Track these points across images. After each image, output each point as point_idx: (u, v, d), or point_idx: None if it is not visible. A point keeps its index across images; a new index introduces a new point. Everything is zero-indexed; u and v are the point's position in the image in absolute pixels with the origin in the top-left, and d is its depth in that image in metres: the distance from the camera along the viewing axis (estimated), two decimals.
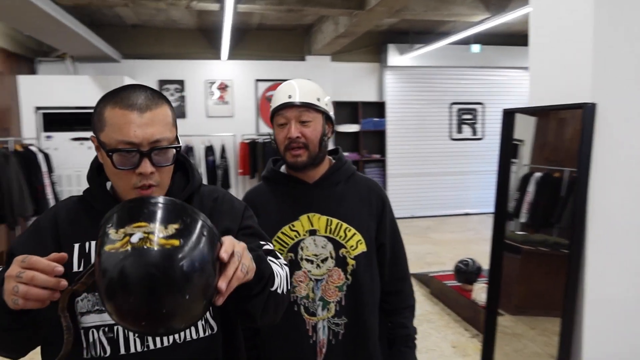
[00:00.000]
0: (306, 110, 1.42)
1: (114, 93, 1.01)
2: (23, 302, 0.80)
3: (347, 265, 1.49)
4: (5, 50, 6.18)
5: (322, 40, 6.99)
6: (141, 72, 7.46)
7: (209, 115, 7.70)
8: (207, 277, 0.78)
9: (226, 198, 1.22)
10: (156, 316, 0.74)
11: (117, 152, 0.97)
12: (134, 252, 0.72)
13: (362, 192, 1.55)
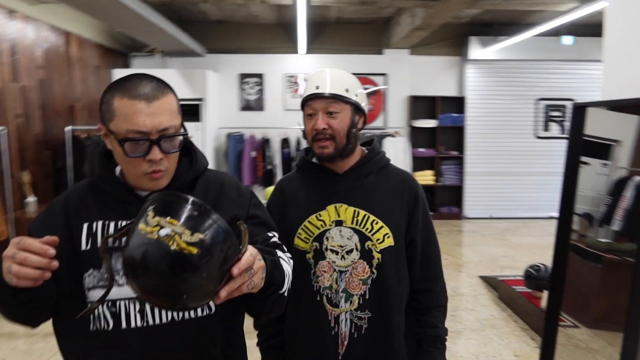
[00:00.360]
0: (334, 101, 1.40)
1: (121, 83, 1.04)
2: (16, 281, 0.88)
3: (372, 259, 1.45)
4: (102, 46, 6.71)
5: (399, 33, 6.86)
6: (223, 66, 7.77)
7: (286, 108, 7.85)
8: (211, 284, 0.84)
9: (233, 184, 1.23)
10: (159, 296, 0.83)
11: (128, 141, 1.01)
12: (158, 243, 0.80)
13: (394, 185, 1.50)
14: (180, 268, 0.79)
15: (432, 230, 1.55)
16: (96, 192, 1.15)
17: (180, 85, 7.01)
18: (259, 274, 0.93)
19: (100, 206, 1.12)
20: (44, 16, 5.20)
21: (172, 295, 0.82)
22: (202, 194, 1.17)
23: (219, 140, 7.66)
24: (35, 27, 5.08)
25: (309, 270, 1.48)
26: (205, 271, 0.81)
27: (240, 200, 1.21)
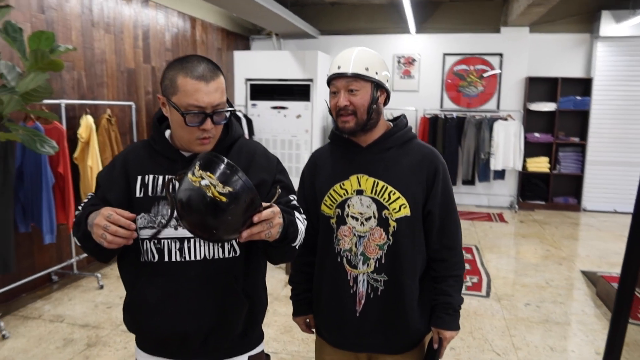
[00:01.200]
0: (354, 80, 1.49)
1: (183, 63, 1.28)
2: (107, 244, 1.19)
3: (389, 227, 1.55)
4: (224, 30, 7.31)
5: (517, 10, 6.46)
6: (335, 47, 7.99)
7: (395, 89, 7.86)
8: (236, 224, 1.09)
9: (263, 153, 1.45)
10: (199, 228, 1.10)
11: (189, 113, 1.26)
12: (199, 190, 1.06)
13: (415, 159, 1.57)
14: (213, 210, 1.05)
15: (451, 204, 1.60)
16: (149, 150, 1.41)
17: (292, 66, 7.38)
18: (277, 227, 1.16)
19: (152, 162, 1.38)
20: (172, 4, 5.84)
21: (205, 229, 1.08)
22: (236, 158, 1.38)
23: (326, 119, 7.93)
24: (165, 14, 5.73)
25: (332, 233, 1.62)
26: (230, 214, 1.06)
27: (269, 167, 1.42)
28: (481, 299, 3.96)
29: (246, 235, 1.11)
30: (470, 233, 6.05)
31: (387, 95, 1.58)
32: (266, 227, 1.13)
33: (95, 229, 1.19)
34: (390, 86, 1.58)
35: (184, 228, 1.16)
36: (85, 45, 4.45)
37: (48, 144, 3.01)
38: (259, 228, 1.12)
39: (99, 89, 4.64)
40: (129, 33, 5.08)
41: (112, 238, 1.18)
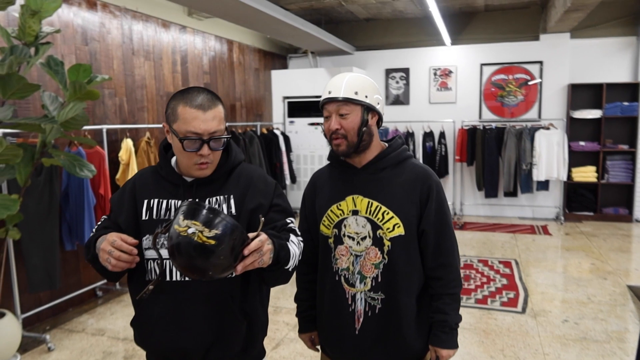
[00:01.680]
0: (344, 104, 1.54)
1: (184, 94, 1.39)
2: (111, 268, 1.30)
3: (383, 246, 1.58)
4: (261, 50, 7.53)
5: (554, 16, 6.31)
6: (370, 62, 8.05)
7: (431, 101, 7.81)
8: (228, 262, 1.18)
9: (261, 178, 1.53)
10: (193, 272, 1.20)
11: (186, 139, 1.36)
12: (187, 238, 1.15)
13: (408, 179, 1.60)
14: (203, 254, 1.14)
15: (446, 222, 1.61)
16: (156, 176, 1.52)
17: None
18: (268, 254, 1.24)
19: (157, 187, 1.49)
20: (210, 29, 6.10)
21: (200, 271, 1.18)
22: (235, 183, 1.49)
23: None
24: (203, 39, 5.99)
25: (330, 253, 1.67)
26: (221, 254, 1.15)
27: (266, 191, 1.49)
28: (516, 315, 3.86)
29: (241, 269, 1.20)
30: (510, 247, 5.89)
31: (379, 117, 1.62)
32: (258, 256, 1.21)
33: (101, 254, 1.30)
34: (381, 108, 1.62)
35: (181, 274, 1.26)
36: (126, 72, 4.72)
37: (87, 167, 3.23)
38: (251, 259, 1.20)
39: (139, 113, 4.90)
40: (168, 59, 5.34)
41: (116, 262, 1.28)
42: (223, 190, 1.47)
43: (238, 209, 1.45)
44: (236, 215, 1.44)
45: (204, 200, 1.44)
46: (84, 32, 4.21)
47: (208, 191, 1.46)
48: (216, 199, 1.45)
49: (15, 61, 2.60)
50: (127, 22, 4.71)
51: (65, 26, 4.02)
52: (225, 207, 1.44)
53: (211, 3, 4.51)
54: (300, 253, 1.45)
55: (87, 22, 4.24)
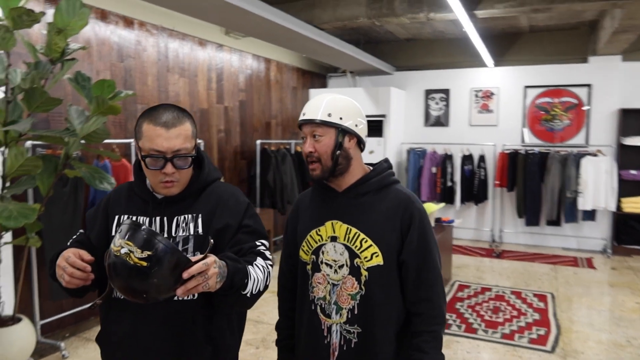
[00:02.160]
0: (317, 126, 1.48)
1: (151, 112, 1.38)
2: (65, 284, 1.28)
3: (360, 276, 1.49)
4: (300, 69, 7.59)
5: (603, 37, 6.01)
6: (410, 83, 7.94)
7: (472, 124, 7.59)
8: (166, 285, 1.13)
9: (233, 197, 1.48)
10: (129, 293, 1.16)
11: (149, 157, 1.35)
12: (120, 259, 1.13)
13: (391, 205, 1.52)
14: (136, 275, 1.11)
15: (429, 251, 1.50)
16: (129, 192, 1.51)
17: (365, 102, 7.44)
18: (214, 278, 1.17)
19: (129, 203, 1.49)
20: (247, 47, 6.21)
21: (135, 292, 1.14)
22: (204, 202, 1.45)
23: (400, 155, 7.84)
24: (240, 57, 6.10)
25: (308, 280, 1.60)
26: (156, 277, 1.11)
27: (236, 211, 1.44)
28: (543, 354, 3.60)
29: (181, 292, 1.14)
30: (548, 279, 5.55)
31: (358, 140, 1.55)
32: (201, 280, 1.15)
33: (57, 269, 1.28)
34: (361, 131, 1.55)
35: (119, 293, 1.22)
36: (160, 88, 4.86)
37: (107, 180, 3.30)
38: (194, 282, 1.14)
39: None
40: (203, 76, 5.46)
41: (69, 279, 1.25)
42: (192, 208, 1.44)
43: (205, 228, 1.41)
44: (203, 234, 1.40)
45: (172, 219, 1.42)
46: (120, 49, 4.37)
47: (176, 209, 1.43)
48: (184, 217, 1.42)
49: (37, 76, 2.71)
50: (163, 40, 4.86)
51: (102, 43, 4.19)
52: (192, 226, 1.41)
53: (245, 23, 4.58)
54: (265, 278, 1.38)
55: (124, 39, 4.40)
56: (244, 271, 1.29)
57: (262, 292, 1.37)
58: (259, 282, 1.33)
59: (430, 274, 1.49)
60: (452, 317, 4.33)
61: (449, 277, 5.45)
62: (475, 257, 6.61)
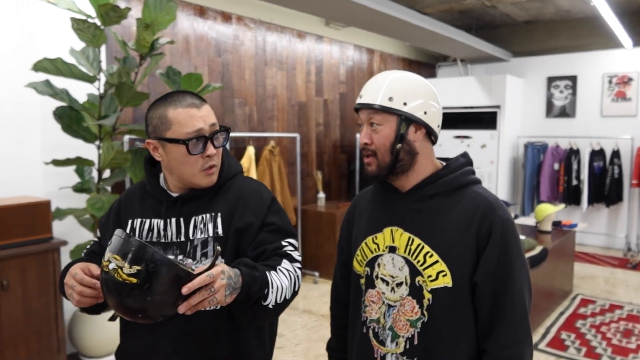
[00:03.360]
0: (375, 112, 1.21)
1: (167, 100, 1.23)
2: (75, 304, 1.16)
3: (423, 298, 1.20)
4: (406, 59, 7.22)
5: None
6: (529, 70, 7.17)
7: (604, 114, 6.63)
8: (162, 302, 0.99)
9: (255, 193, 1.31)
10: (124, 312, 1.02)
11: (190, 140, 1.20)
12: (108, 275, 1.00)
13: (465, 212, 1.21)
14: (126, 293, 0.97)
15: (512, 275, 1.16)
16: (142, 192, 1.37)
17: (477, 92, 6.88)
18: (222, 291, 1.01)
19: (142, 205, 1.34)
20: (348, 38, 6.00)
21: (130, 311, 1.00)
22: (223, 200, 1.29)
23: (516, 150, 7.12)
24: (340, 48, 5.92)
25: (361, 297, 1.34)
26: (149, 295, 0.96)
27: (258, 208, 1.27)
28: None
29: (184, 309, 0.99)
30: None
31: (427, 131, 1.25)
32: (207, 294, 0.98)
33: (66, 288, 1.16)
34: (431, 119, 1.24)
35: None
36: (258, 82, 4.85)
37: None
38: (198, 297, 0.98)
39: (268, 122, 4.99)
40: (302, 68, 5.37)
41: (79, 298, 1.13)
42: (210, 207, 1.27)
43: (225, 228, 1.24)
44: (223, 236, 1.24)
45: (189, 220, 1.26)
46: (217, 45, 4.41)
47: (193, 209, 1.27)
48: (202, 218, 1.26)
49: (123, 71, 2.75)
50: (261, 33, 4.84)
51: (200, 39, 4.26)
52: (211, 226, 1.25)
53: (344, 12, 4.38)
54: (292, 284, 1.18)
55: (221, 34, 4.44)
56: (262, 280, 1.10)
57: (289, 300, 1.18)
58: (283, 290, 1.15)
59: (515, 303, 1.15)
60: (571, 337, 3.75)
61: (570, 288, 4.78)
62: (604, 268, 5.76)
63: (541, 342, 3.64)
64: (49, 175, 3.18)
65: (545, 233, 4.40)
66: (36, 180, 3.17)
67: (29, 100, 3.07)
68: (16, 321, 2.72)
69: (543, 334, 3.80)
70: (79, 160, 2.89)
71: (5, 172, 3.06)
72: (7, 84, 3.00)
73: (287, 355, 3.32)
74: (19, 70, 2.94)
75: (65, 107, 2.87)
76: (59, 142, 3.10)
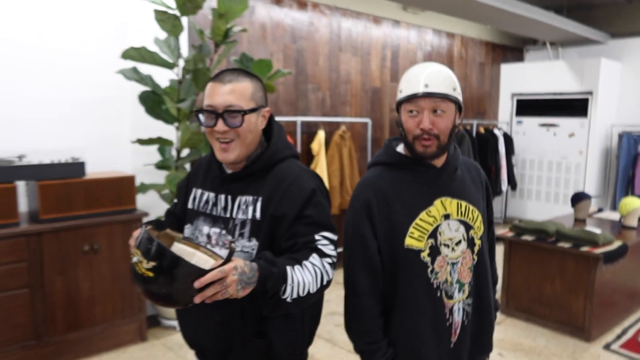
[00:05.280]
0: (442, 100, 1.36)
1: (219, 74, 1.33)
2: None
3: (474, 246, 1.50)
4: (489, 43, 6.95)
5: None
6: (629, 52, 6.60)
7: None
8: (179, 292, 1.09)
9: (296, 181, 1.30)
10: (153, 299, 1.12)
11: (200, 112, 1.30)
12: (133, 267, 1.12)
13: (473, 174, 1.57)
14: (147, 284, 1.09)
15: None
16: (208, 164, 1.47)
17: (567, 77, 6.49)
18: (233, 286, 1.08)
19: (204, 176, 1.45)
20: (426, 22, 5.91)
21: (153, 298, 1.12)
22: (267, 184, 1.32)
23: (609, 139, 6.63)
24: (418, 33, 5.84)
25: (427, 268, 1.43)
26: (164, 287, 1.08)
27: (295, 199, 1.27)
28: None
29: (199, 300, 1.07)
30: None
31: (461, 115, 1.48)
32: (219, 288, 1.07)
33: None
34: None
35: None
36: (332, 68, 4.95)
37: None
38: (211, 290, 1.07)
39: (341, 107, 5.09)
40: (377, 54, 5.39)
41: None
42: (254, 189, 1.32)
43: (263, 214, 1.29)
44: (259, 220, 1.29)
45: (235, 198, 1.34)
46: (293, 31, 4.56)
47: (239, 188, 1.34)
48: (245, 199, 1.32)
49: (198, 57, 2.97)
50: (336, 19, 4.92)
51: (276, 26, 4.43)
52: (251, 209, 1.31)
53: None
54: (318, 278, 1.22)
55: (297, 21, 4.58)
56: (279, 275, 1.15)
57: (314, 294, 1.22)
58: (306, 285, 1.19)
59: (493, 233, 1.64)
60: None
61: None
62: None
63: (615, 343, 3.45)
64: (137, 154, 3.53)
65: (630, 229, 4.10)
66: (125, 158, 3.54)
67: (122, 87, 3.42)
68: (105, 281, 3.09)
69: (619, 334, 3.59)
70: (159, 140, 3.18)
71: (101, 150, 3.45)
72: (104, 73, 3.36)
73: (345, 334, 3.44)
74: (114, 60, 3.28)
75: (149, 92, 3.17)
76: (146, 124, 3.42)
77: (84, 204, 2.98)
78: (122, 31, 3.42)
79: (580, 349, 3.36)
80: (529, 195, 7.11)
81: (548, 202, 6.93)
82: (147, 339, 3.35)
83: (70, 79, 3.30)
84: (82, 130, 3.38)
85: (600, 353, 3.31)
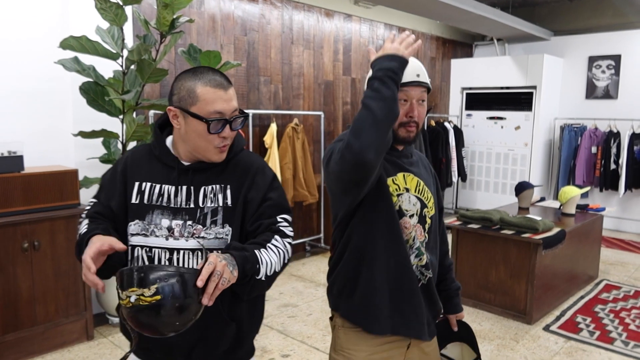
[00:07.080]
0: (424, 91, 1.50)
1: (197, 74, 1.30)
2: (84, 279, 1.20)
3: (425, 224, 1.58)
4: (440, 38, 7.11)
5: None
6: (570, 49, 6.91)
7: None
8: (190, 303, 1.08)
9: (260, 169, 1.41)
10: (163, 334, 1.11)
11: (213, 120, 1.29)
12: (134, 307, 1.07)
13: (425, 164, 1.70)
14: (158, 313, 1.06)
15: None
16: (150, 156, 1.44)
17: (513, 72, 6.72)
18: (227, 270, 1.12)
19: (150, 169, 1.41)
20: (378, 17, 5.98)
21: (169, 328, 1.09)
22: (232, 172, 1.38)
23: (552, 132, 6.93)
24: (370, 27, 5.91)
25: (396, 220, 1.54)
26: (177, 302, 1.06)
27: (261, 184, 1.38)
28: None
29: (207, 300, 1.09)
30: None
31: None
32: (217, 278, 1.10)
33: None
34: None
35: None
36: (284, 61, 4.94)
37: None
38: (212, 285, 1.09)
39: (294, 100, 5.09)
40: (329, 47, 5.41)
41: (84, 278, 1.20)
42: (220, 179, 1.37)
43: (234, 200, 1.35)
44: (231, 206, 1.34)
45: (199, 188, 1.36)
46: (243, 23, 4.52)
47: (204, 179, 1.36)
48: (212, 188, 1.36)
49: (142, 48, 2.90)
50: (287, 12, 4.91)
51: (226, 18, 4.38)
52: (220, 197, 1.35)
53: None
54: (281, 259, 1.31)
55: (247, 13, 4.54)
56: (252, 258, 1.23)
57: (278, 272, 1.31)
58: (273, 265, 1.28)
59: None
60: (586, 320, 3.71)
61: (595, 274, 4.68)
62: (638, 255, 5.58)
63: (554, 324, 3.62)
64: (80, 147, 3.42)
65: (568, 216, 4.32)
66: (68, 151, 3.42)
67: (63, 78, 3.30)
68: (46, 279, 2.98)
69: (557, 316, 3.77)
70: (104, 133, 3.09)
71: (42, 143, 3.32)
72: (43, 62, 3.22)
73: (298, 324, 3.47)
74: (53, 50, 3.15)
75: (91, 83, 3.07)
76: (90, 116, 3.31)
77: (22, 199, 2.86)
78: (64, 19, 3.29)
79: (522, 331, 3.51)
80: (479, 186, 7.35)
81: (496, 192, 7.17)
82: (94, 337, 3.27)
83: (4, 67, 3.15)
84: (20, 123, 3.23)
85: (541, 334, 3.47)
